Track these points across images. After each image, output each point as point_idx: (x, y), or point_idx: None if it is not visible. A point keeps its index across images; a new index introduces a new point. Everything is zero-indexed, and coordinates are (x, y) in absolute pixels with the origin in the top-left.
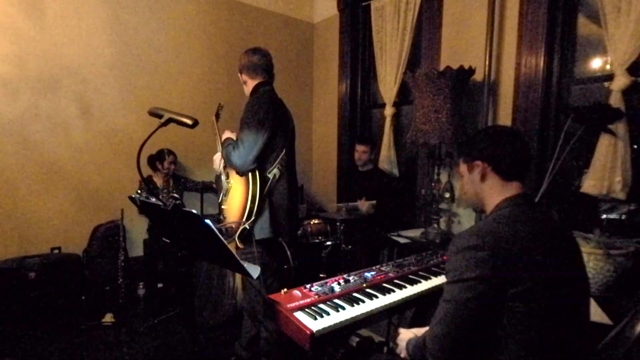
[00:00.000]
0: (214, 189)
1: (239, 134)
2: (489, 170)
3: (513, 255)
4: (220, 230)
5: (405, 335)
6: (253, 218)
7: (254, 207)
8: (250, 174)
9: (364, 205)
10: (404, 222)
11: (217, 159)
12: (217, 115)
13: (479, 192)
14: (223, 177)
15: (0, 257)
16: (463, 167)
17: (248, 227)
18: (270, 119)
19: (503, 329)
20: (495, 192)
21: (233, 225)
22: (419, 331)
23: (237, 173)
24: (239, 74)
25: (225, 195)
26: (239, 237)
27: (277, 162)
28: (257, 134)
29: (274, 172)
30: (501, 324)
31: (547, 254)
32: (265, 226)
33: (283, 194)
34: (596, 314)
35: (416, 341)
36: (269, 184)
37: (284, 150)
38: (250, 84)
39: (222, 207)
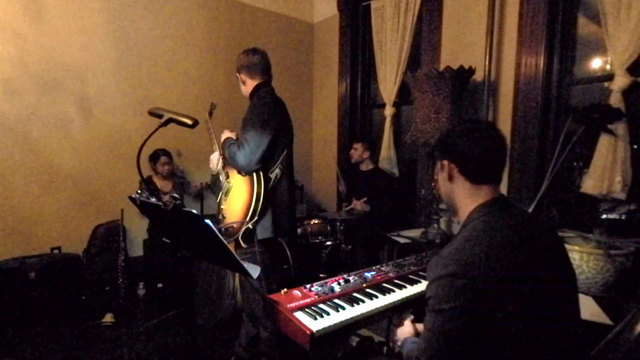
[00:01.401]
0: (212, 189)
1: (242, 134)
2: (455, 172)
3: (493, 278)
4: (220, 230)
5: (403, 331)
6: (257, 218)
7: (258, 206)
8: (254, 174)
9: (357, 204)
10: (404, 222)
11: (215, 158)
12: (210, 115)
13: (449, 193)
14: (222, 177)
15: (0, 257)
16: (437, 165)
17: (251, 227)
18: (275, 120)
19: (492, 348)
20: (465, 196)
21: (235, 225)
22: (420, 327)
23: (239, 173)
24: (237, 74)
25: (225, 195)
26: (241, 237)
27: (278, 162)
28: (262, 134)
29: (275, 172)
30: (490, 345)
31: (528, 265)
32: (268, 225)
33: (284, 194)
34: (596, 314)
35: (409, 350)
36: (270, 183)
37: (285, 151)
38: (249, 84)
39: (222, 206)
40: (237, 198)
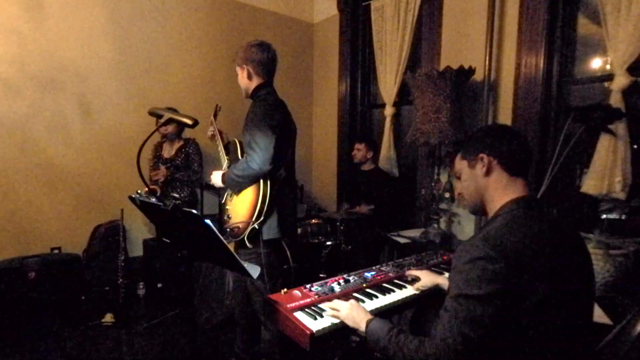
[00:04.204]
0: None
1: (246, 136)
2: (494, 164)
3: (527, 265)
4: (225, 231)
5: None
6: (262, 218)
7: (264, 207)
8: None
9: (362, 209)
10: (404, 222)
11: (216, 176)
12: (215, 116)
13: (481, 188)
14: None
15: (0, 257)
16: (462, 164)
17: (257, 227)
18: (278, 121)
19: (512, 342)
20: (500, 189)
21: (240, 226)
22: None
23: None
24: (242, 64)
25: (230, 195)
26: (247, 237)
27: (283, 163)
28: (268, 135)
29: (280, 172)
30: (511, 338)
31: (559, 261)
32: (274, 226)
33: (288, 194)
34: (596, 314)
35: (401, 343)
36: (276, 184)
37: (289, 151)
38: (254, 80)
39: (227, 207)
40: (243, 198)
